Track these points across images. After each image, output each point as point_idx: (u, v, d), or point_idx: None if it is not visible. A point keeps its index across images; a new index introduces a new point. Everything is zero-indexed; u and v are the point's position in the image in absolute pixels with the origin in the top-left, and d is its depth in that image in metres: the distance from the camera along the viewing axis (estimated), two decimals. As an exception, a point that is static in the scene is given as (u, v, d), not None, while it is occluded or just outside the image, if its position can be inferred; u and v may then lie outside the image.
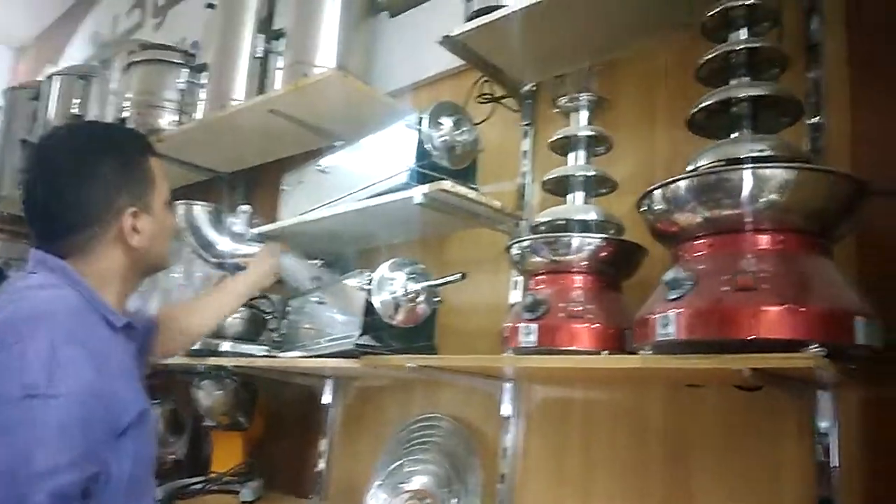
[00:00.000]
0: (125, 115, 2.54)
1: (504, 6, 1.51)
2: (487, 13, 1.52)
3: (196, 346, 2.05)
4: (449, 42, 1.59)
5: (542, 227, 1.42)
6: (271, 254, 1.78)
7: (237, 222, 2.18)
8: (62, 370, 0.96)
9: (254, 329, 2.12)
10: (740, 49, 1.14)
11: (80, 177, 1.15)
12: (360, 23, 2.11)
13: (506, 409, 1.61)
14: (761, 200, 0.99)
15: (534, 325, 1.30)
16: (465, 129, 1.62)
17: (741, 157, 1.06)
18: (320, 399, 2.06)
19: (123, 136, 1.32)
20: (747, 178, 1.00)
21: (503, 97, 1.79)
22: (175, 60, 2.57)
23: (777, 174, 0.99)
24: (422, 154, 1.58)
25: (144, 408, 1.10)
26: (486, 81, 1.77)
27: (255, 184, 2.65)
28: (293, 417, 2.22)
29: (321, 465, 2.05)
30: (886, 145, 1.23)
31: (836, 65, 1.27)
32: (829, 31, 1.26)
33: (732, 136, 1.13)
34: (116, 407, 1.03)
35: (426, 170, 1.57)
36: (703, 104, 1.15)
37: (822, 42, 1.24)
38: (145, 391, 1.15)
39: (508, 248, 1.44)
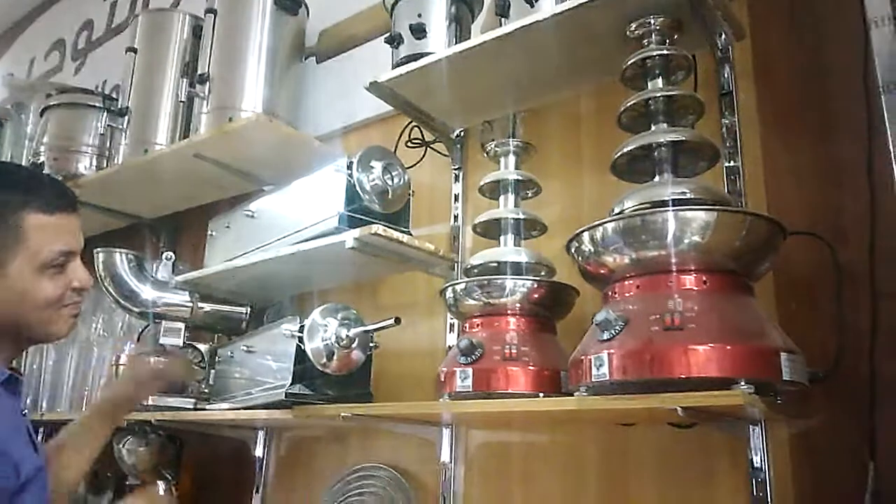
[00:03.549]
0: (41, 159, 2.44)
1: (430, 53, 1.53)
2: (414, 60, 1.54)
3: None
4: (376, 88, 1.60)
5: (475, 270, 1.43)
6: (135, 376, 1.52)
7: (161, 270, 2.11)
8: None
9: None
10: (658, 97, 1.19)
11: None
12: (286, 67, 2.11)
13: (444, 454, 1.59)
14: (685, 242, 1.03)
15: (469, 370, 1.30)
16: (395, 173, 1.62)
17: (664, 199, 1.09)
18: (252, 451, 1.99)
19: None
20: (671, 221, 1.03)
21: (433, 142, 1.81)
22: (94, 104, 2.50)
23: (699, 216, 1.03)
24: (352, 198, 1.58)
25: (40, 465, 1.07)
26: (415, 126, 1.79)
27: (179, 229, 2.58)
28: (223, 472, 2.13)
29: (254, 521, 1.97)
30: (796, 186, 1.30)
31: (747, 111, 1.34)
32: (739, 81, 1.33)
33: (655, 179, 1.17)
34: (10, 467, 1.00)
35: (357, 214, 1.56)
36: (625, 150, 1.19)
37: (734, 89, 1.31)
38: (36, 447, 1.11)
39: (442, 291, 1.44)
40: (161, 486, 1.78)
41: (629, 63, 1.24)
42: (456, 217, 1.75)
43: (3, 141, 2.97)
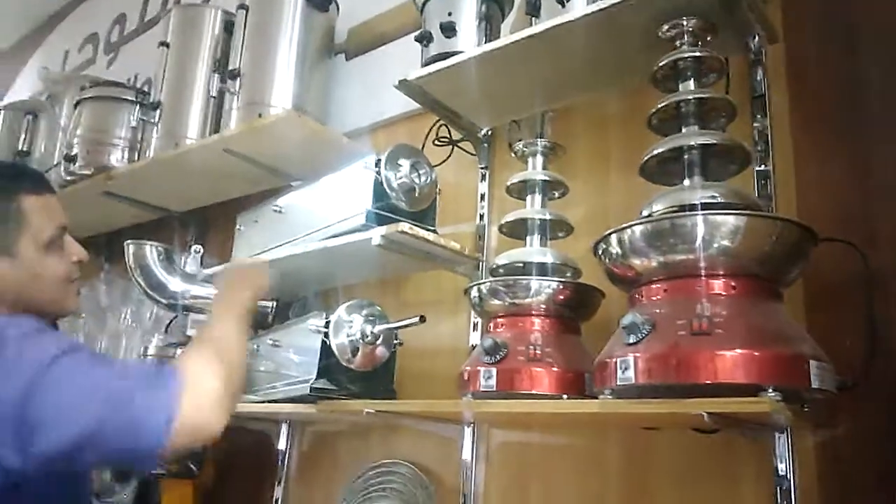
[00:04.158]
0: (74, 151, 2.48)
1: (460, 52, 1.53)
2: (444, 59, 1.54)
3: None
4: (405, 86, 1.61)
5: (501, 270, 1.43)
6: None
7: (189, 262, 2.14)
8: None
9: (206, 372, 2.06)
10: (690, 99, 1.18)
11: None
12: (316, 64, 2.12)
13: (466, 453, 1.59)
14: (714, 246, 1.01)
15: (493, 369, 1.30)
16: (423, 171, 1.63)
17: (694, 203, 1.08)
18: (275, 444, 2.00)
19: None
20: (700, 224, 1.02)
21: (460, 140, 1.81)
22: (127, 98, 2.53)
23: (729, 220, 1.02)
24: (379, 195, 1.58)
25: None
26: (443, 125, 1.79)
27: (207, 223, 2.60)
28: (246, 464, 2.16)
29: (275, 513, 1.99)
30: (827, 192, 1.28)
31: (779, 115, 1.32)
32: (772, 83, 1.31)
33: (684, 182, 1.16)
34: None
35: (384, 211, 1.57)
36: (655, 152, 1.18)
37: (767, 93, 1.29)
38: None
39: (467, 290, 1.44)
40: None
41: (661, 65, 1.23)
42: (482, 216, 1.75)
43: (37, 133, 3.03)
